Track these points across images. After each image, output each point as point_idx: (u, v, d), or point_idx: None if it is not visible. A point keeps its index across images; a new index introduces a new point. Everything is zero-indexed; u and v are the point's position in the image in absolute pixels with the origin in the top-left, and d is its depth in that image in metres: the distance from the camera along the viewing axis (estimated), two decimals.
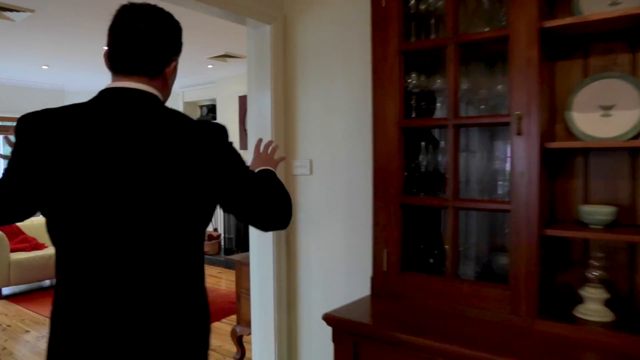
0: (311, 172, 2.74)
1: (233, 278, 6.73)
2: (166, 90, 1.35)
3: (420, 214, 2.16)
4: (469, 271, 2.07)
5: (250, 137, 2.97)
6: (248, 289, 3.69)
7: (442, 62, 1.96)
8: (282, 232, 2.83)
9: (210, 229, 7.66)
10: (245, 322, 3.88)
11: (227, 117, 7.80)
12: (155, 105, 1.25)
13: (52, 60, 7.03)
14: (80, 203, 1.15)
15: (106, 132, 1.18)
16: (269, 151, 1.66)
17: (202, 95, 8.37)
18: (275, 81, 2.80)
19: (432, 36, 2.06)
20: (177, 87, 8.70)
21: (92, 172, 1.15)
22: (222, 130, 1.29)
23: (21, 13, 4.83)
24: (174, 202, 1.19)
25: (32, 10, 4.77)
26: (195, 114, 8.73)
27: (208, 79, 8.15)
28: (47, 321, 4.94)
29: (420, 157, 2.10)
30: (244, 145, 7.49)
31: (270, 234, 2.81)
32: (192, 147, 1.20)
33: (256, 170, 1.48)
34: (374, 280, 2.11)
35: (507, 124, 1.79)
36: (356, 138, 2.53)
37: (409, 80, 2.09)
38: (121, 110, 1.21)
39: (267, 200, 1.30)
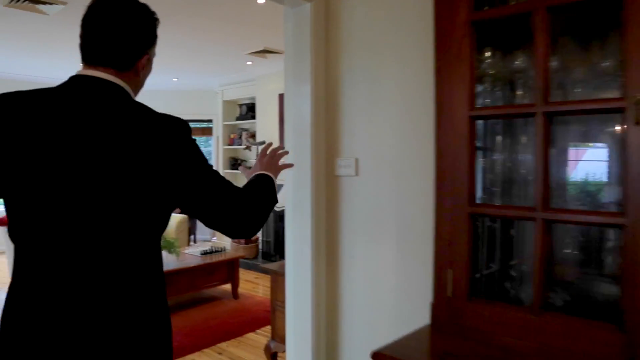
0: (357, 173, 2.34)
1: (268, 285, 6.42)
2: (137, 83, 1.31)
3: (489, 225, 1.73)
4: (555, 300, 1.63)
5: (288, 134, 2.59)
6: (284, 302, 3.32)
7: (526, 35, 1.53)
8: (322, 242, 2.44)
9: None
10: (280, 337, 3.51)
11: (267, 115, 7.49)
12: (119, 98, 1.20)
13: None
14: (34, 193, 1.12)
15: (67, 122, 1.13)
16: (274, 157, 1.56)
17: (241, 94, 8.09)
18: (315, 69, 2.41)
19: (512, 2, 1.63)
20: (216, 85, 8.47)
21: (49, 163, 1.11)
22: (183, 126, 1.23)
23: (53, 6, 4.64)
24: (130, 197, 1.14)
25: (64, 3, 4.56)
26: (234, 113, 8.47)
27: (247, 76, 7.86)
28: None
29: (495, 155, 1.67)
30: (283, 145, 7.16)
31: (307, 243, 2.43)
32: (151, 142, 1.15)
33: (252, 175, 1.43)
34: (435, 308, 1.69)
35: (618, 110, 1.35)
36: (411, 133, 2.11)
37: (482, 59, 1.66)
38: (85, 100, 1.17)
39: (226, 204, 1.21)
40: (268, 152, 1.58)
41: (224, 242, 8.13)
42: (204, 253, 5.41)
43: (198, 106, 8.91)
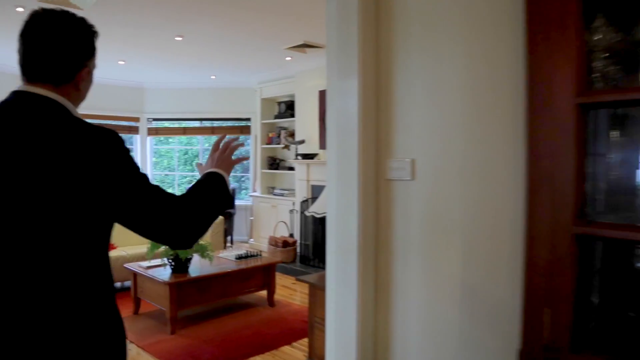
0: (413, 177, 1.94)
1: (306, 291, 6.08)
2: (78, 96, 1.30)
3: (603, 252, 1.31)
4: None
5: (330, 133, 2.21)
6: (323, 319, 2.95)
7: None
8: (370, 257, 2.06)
9: (285, 234, 7.04)
10: (318, 357, 3.16)
11: (306, 113, 7.14)
12: (54, 114, 1.19)
13: (129, 55, 6.70)
14: None
15: (1, 140, 1.14)
16: (226, 150, 1.48)
17: (280, 91, 7.77)
18: (363, 55, 2.03)
19: None
20: (254, 83, 8.19)
21: None
22: (113, 138, 1.20)
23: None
24: (63, 212, 1.13)
25: None
26: (273, 111, 8.16)
27: (286, 73, 7.54)
28: None
29: (607, 157, 1.25)
30: (324, 145, 6.80)
31: (353, 257, 2.06)
32: (82, 156, 1.14)
33: (203, 173, 1.40)
34: (525, 357, 1.28)
35: None
36: (488, 127, 1.71)
37: (593, 30, 1.24)
38: (20, 118, 1.16)
39: (161, 214, 1.19)
40: (221, 144, 1.50)
41: (261, 244, 7.83)
42: (239, 257, 5.10)
43: (236, 104, 8.65)
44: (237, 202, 8.44)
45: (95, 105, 8.30)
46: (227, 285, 4.72)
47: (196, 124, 8.90)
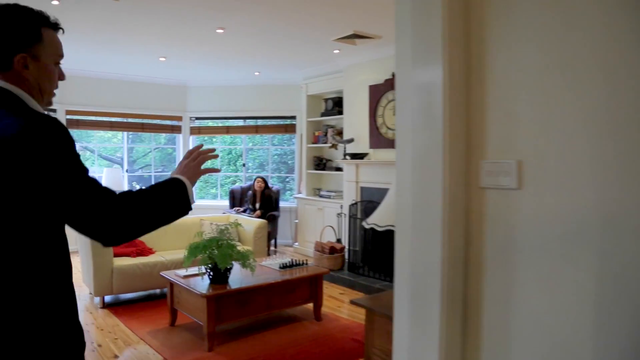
0: (519, 184, 1.41)
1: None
2: (30, 85, 1.28)
3: None
4: None
5: (401, 130, 1.68)
6: (384, 352, 2.45)
7: None
8: (457, 287, 1.54)
9: (332, 239, 6.56)
10: None
11: (355, 110, 6.64)
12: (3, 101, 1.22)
13: (169, 51, 6.37)
14: None
15: None
16: (197, 159, 1.47)
17: (327, 87, 7.30)
18: (449, 28, 1.51)
19: None
20: (300, 79, 7.74)
21: None
22: (46, 127, 1.17)
23: None
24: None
25: None
26: (319, 108, 7.69)
27: (334, 67, 7.05)
28: (141, 343, 4.17)
29: None
30: (375, 144, 6.29)
31: (435, 285, 1.54)
32: (14, 148, 1.12)
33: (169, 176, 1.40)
34: None
35: None
36: (628, 118, 1.17)
37: None
38: None
39: (91, 208, 1.17)
40: (194, 153, 1.50)
41: (306, 248, 7.38)
42: (284, 267, 4.65)
43: (280, 102, 8.24)
44: (282, 204, 8.02)
45: (137, 105, 8.09)
46: (271, 297, 4.27)
47: (239, 122, 8.54)
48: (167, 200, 1.31)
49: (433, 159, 1.52)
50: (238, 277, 4.25)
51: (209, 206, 8.54)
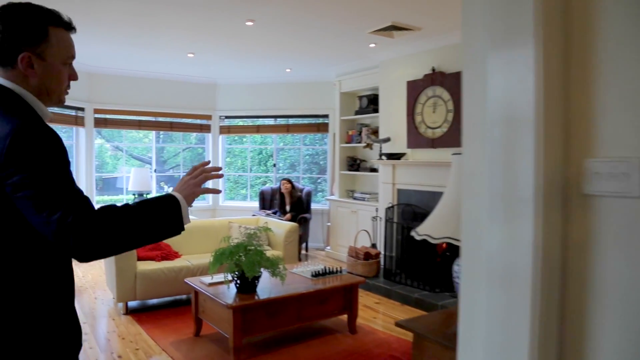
0: None
1: (395, 313, 5.23)
2: (35, 84, 1.27)
3: None
4: None
5: (470, 124, 1.31)
6: None
7: None
8: (552, 327, 1.16)
9: (367, 244, 6.18)
10: None
11: (391, 108, 6.24)
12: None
13: (197, 46, 6.12)
14: None
15: None
16: (197, 177, 1.39)
17: (362, 84, 6.92)
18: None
19: None
20: (333, 75, 7.40)
21: None
22: (40, 131, 1.16)
23: None
24: None
25: None
26: (353, 106, 7.33)
27: (369, 63, 6.68)
28: (163, 355, 3.88)
29: None
30: (413, 143, 5.88)
31: (524, 321, 1.16)
32: (8, 147, 1.11)
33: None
34: None
35: None
36: None
37: None
38: None
39: (60, 222, 1.10)
40: (197, 170, 1.42)
41: (339, 252, 7.03)
42: (316, 275, 4.30)
43: (313, 100, 7.91)
44: (313, 206, 7.68)
45: (166, 103, 7.88)
46: (302, 308, 3.93)
47: (270, 121, 8.24)
48: (155, 218, 1.24)
49: (517, 157, 1.14)
50: (267, 286, 3.93)
51: (238, 208, 8.29)
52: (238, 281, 3.74)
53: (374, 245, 6.15)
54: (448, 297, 5.01)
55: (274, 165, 8.39)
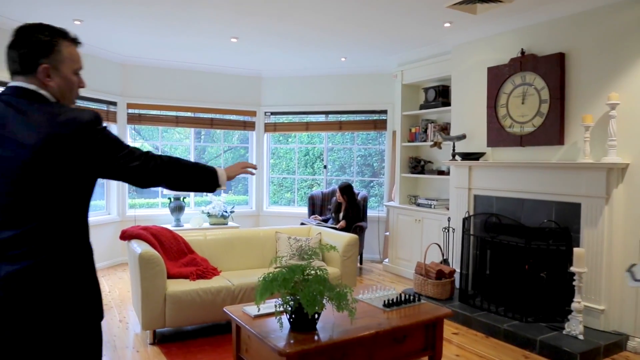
0: None
1: (481, 348, 3.87)
2: (58, 90, 1.55)
3: None
4: None
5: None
6: None
7: None
8: None
9: (436, 259, 5.16)
10: None
11: (467, 99, 5.22)
12: (33, 98, 1.50)
13: (241, 29, 5.26)
14: None
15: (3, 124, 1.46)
16: (241, 163, 1.93)
17: (428, 73, 5.90)
18: None
19: None
20: (393, 65, 6.42)
21: None
22: (90, 118, 1.49)
23: None
24: (51, 179, 1.43)
25: None
26: (417, 100, 6.32)
27: (438, 49, 5.67)
28: None
29: None
30: (495, 141, 4.85)
31: None
32: (59, 130, 1.44)
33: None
34: None
35: None
36: None
37: None
38: (10, 104, 1.48)
39: (129, 163, 1.55)
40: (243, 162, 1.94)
41: (399, 267, 6.04)
42: (389, 304, 3.33)
43: (369, 94, 6.95)
44: (368, 213, 6.70)
45: (206, 98, 7.08)
46: (373, 350, 2.97)
47: (321, 118, 7.31)
48: (193, 175, 1.72)
49: None
50: (328, 320, 2.98)
51: (284, 213, 7.40)
52: (293, 315, 2.81)
53: (444, 261, 5.12)
54: (546, 329, 3.95)
55: (325, 167, 7.44)
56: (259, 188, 7.47)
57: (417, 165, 6.15)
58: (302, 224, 6.34)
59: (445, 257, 5.14)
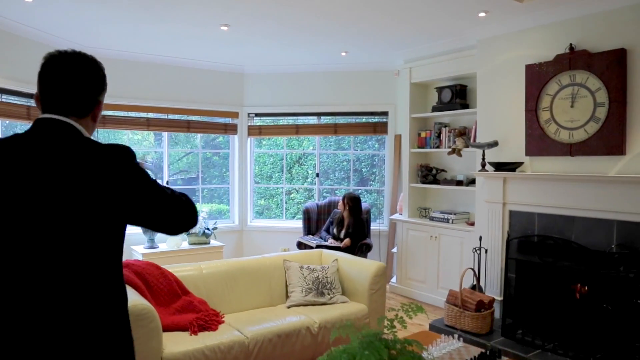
0: None
1: None
2: (93, 127, 1.44)
3: None
4: None
5: None
6: None
7: None
8: None
9: (464, 282, 4.39)
10: None
11: (497, 101, 4.47)
12: (74, 139, 1.33)
13: (234, 16, 4.27)
14: (10, 222, 1.26)
15: (33, 165, 1.27)
16: None
17: (442, 72, 5.11)
18: None
19: None
20: (399, 62, 5.60)
21: (21, 198, 1.26)
22: (126, 153, 1.35)
23: None
24: (86, 219, 1.28)
25: None
26: (427, 100, 5.53)
27: (458, 43, 4.90)
28: None
29: None
30: (535, 149, 4.10)
31: None
32: (101, 171, 1.30)
33: None
34: None
35: None
36: None
37: None
38: (49, 144, 1.30)
39: (171, 209, 1.39)
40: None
41: (411, 289, 5.26)
42: None
43: (370, 93, 6.08)
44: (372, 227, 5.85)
45: (182, 97, 6.01)
46: None
47: (312, 120, 6.36)
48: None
49: None
50: None
51: (271, 229, 6.42)
52: None
53: (475, 287, 4.36)
54: None
55: (317, 175, 6.50)
56: (242, 199, 6.46)
57: (429, 174, 5.36)
58: (299, 243, 5.41)
59: (473, 283, 4.38)
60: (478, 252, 4.39)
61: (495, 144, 4.37)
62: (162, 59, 5.69)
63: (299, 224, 6.39)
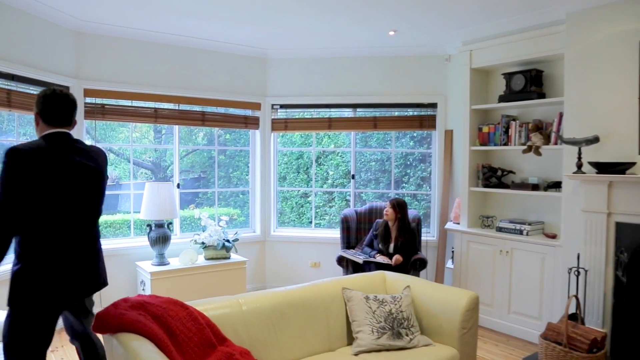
0: None
1: None
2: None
3: None
4: None
5: None
6: None
7: None
8: None
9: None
10: None
11: (594, 88, 3.57)
12: (74, 139, 2.37)
13: None
14: (56, 205, 2.22)
15: (62, 161, 2.25)
16: None
17: (513, 54, 4.19)
18: None
19: None
20: (457, 44, 4.70)
21: (61, 186, 2.23)
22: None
23: None
24: (98, 202, 2.43)
25: None
26: (486, 90, 4.61)
27: (536, 19, 3.99)
28: None
29: None
30: None
31: None
32: (102, 166, 2.45)
33: None
34: None
35: None
36: None
37: None
38: (67, 145, 2.30)
39: None
40: None
41: (495, 319, 4.32)
42: None
43: (416, 82, 5.15)
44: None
45: (196, 85, 5.00)
46: None
47: (347, 113, 5.38)
48: None
49: None
50: None
51: (297, 239, 5.43)
52: None
53: (574, 316, 3.45)
54: None
55: (353, 177, 5.52)
56: (264, 205, 5.48)
57: (492, 176, 4.45)
58: (341, 258, 4.47)
59: (572, 312, 3.47)
60: (576, 273, 3.48)
61: (595, 139, 3.46)
62: (172, 39, 4.70)
63: (327, 232, 5.46)
